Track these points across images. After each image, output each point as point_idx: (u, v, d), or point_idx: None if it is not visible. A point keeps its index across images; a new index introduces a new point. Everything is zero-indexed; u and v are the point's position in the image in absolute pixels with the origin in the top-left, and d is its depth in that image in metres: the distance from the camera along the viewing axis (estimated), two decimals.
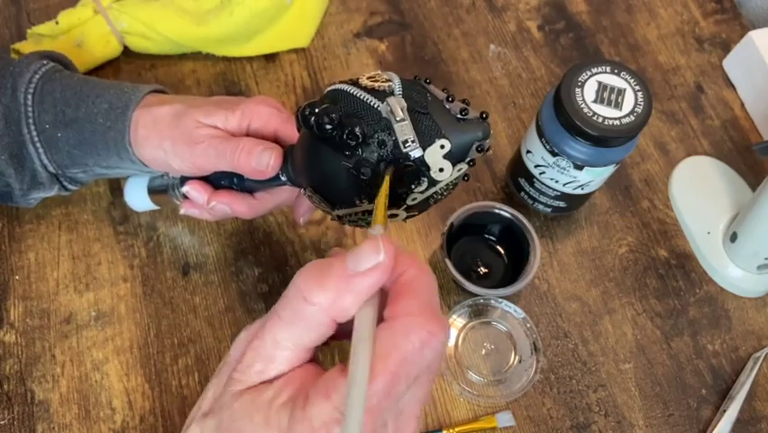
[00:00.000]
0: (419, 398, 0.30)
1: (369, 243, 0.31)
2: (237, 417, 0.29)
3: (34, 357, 0.55)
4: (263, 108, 0.48)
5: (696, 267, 0.63)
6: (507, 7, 0.75)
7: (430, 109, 0.37)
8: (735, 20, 0.76)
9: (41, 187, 0.52)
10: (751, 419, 0.57)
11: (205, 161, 0.47)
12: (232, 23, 0.65)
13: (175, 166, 0.48)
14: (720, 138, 0.69)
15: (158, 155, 0.48)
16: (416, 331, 0.28)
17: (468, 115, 0.37)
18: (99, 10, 0.65)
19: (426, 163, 0.37)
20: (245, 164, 0.46)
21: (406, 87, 0.38)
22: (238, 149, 0.46)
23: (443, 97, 0.38)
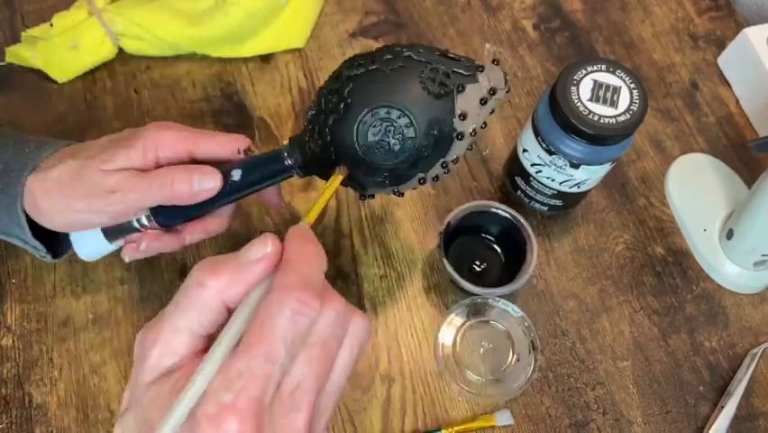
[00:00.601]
0: (316, 373, 0.31)
1: (259, 237, 0.33)
2: (147, 408, 0.31)
3: (32, 361, 0.55)
4: (165, 134, 0.46)
5: (692, 264, 0.63)
6: (503, 6, 0.75)
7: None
8: (729, 17, 0.76)
9: None
10: (748, 415, 0.57)
11: (127, 207, 0.46)
12: (227, 24, 0.65)
13: (97, 222, 0.48)
14: (716, 135, 0.70)
15: (72, 219, 0.47)
16: (287, 300, 0.30)
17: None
18: (94, 12, 0.65)
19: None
20: (183, 193, 0.45)
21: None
22: (166, 181, 0.45)
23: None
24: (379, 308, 0.59)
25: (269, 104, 0.67)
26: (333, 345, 0.32)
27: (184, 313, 0.32)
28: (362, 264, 0.61)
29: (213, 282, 0.32)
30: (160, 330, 0.32)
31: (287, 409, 0.30)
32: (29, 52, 0.65)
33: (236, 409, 0.28)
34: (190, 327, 0.32)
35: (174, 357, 0.32)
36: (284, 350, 0.30)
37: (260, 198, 0.52)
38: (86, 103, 0.66)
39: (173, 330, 0.32)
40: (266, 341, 0.30)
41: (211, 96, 0.67)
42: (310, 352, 0.31)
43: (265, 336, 0.30)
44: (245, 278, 0.32)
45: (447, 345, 0.57)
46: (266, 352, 0.30)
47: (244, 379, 0.29)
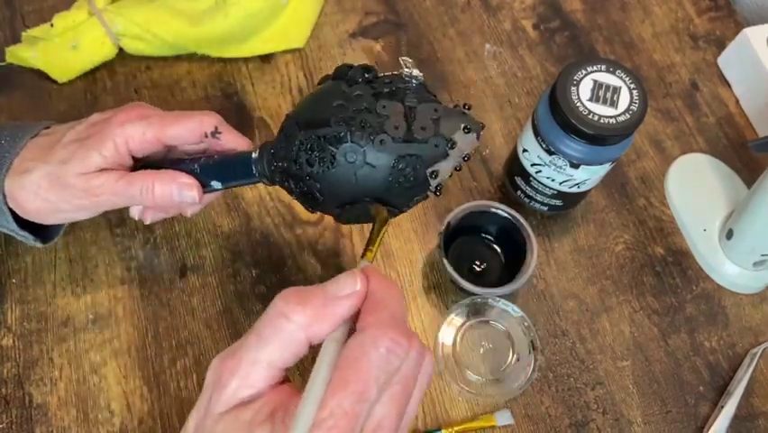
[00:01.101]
0: (397, 412, 0.31)
1: (348, 273, 0.33)
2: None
3: (32, 361, 0.55)
4: (132, 127, 0.46)
5: (692, 264, 0.63)
6: (502, 6, 0.75)
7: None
8: (729, 17, 0.76)
9: None
10: (748, 415, 0.57)
11: (112, 205, 0.48)
12: (227, 24, 0.65)
13: (83, 216, 0.49)
14: (715, 135, 0.70)
15: (61, 216, 0.49)
16: (381, 339, 0.31)
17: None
18: (94, 12, 0.65)
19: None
20: (164, 201, 0.47)
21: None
22: (147, 190, 0.46)
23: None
24: None
25: (269, 104, 0.67)
26: (412, 384, 0.32)
27: (266, 346, 0.32)
28: None
29: (299, 316, 0.31)
30: (240, 361, 0.32)
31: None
32: (29, 52, 0.65)
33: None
34: (270, 360, 0.32)
35: (251, 390, 0.31)
36: (376, 389, 0.30)
37: None
38: (86, 103, 0.66)
39: (253, 362, 0.32)
40: (361, 380, 0.30)
41: (211, 96, 0.67)
42: (393, 390, 0.31)
43: (360, 374, 0.30)
44: (332, 313, 0.32)
45: (447, 345, 0.57)
46: (360, 391, 0.30)
47: (335, 418, 0.29)
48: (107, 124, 0.46)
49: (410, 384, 0.32)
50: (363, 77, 0.43)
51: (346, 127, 0.41)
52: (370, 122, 0.41)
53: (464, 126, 0.43)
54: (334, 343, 0.32)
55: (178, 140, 0.48)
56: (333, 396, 0.29)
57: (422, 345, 0.33)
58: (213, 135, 0.48)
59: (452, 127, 0.42)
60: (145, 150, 0.47)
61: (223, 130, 0.48)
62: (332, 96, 0.43)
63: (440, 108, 0.43)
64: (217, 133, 0.48)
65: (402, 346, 0.31)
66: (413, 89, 0.43)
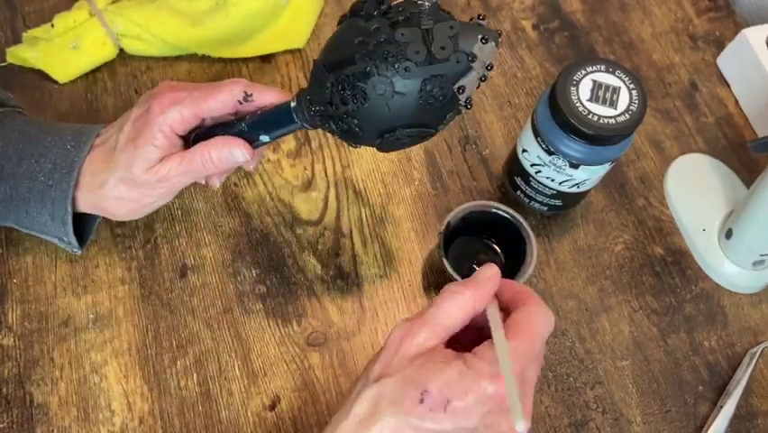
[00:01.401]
0: (535, 375, 0.40)
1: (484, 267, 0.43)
2: (420, 368, 0.38)
3: (33, 360, 0.55)
4: (171, 113, 0.49)
5: (692, 264, 0.63)
6: (502, 6, 0.75)
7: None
8: (728, 18, 0.77)
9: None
10: (747, 414, 0.57)
11: (187, 183, 0.52)
12: (227, 25, 0.65)
13: (169, 199, 0.53)
14: (715, 135, 0.70)
15: (153, 206, 0.54)
16: (545, 312, 0.40)
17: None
18: (95, 12, 0.65)
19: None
20: (223, 166, 0.50)
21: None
22: (207, 160, 0.50)
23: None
24: (379, 309, 0.59)
25: None
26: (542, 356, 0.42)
27: (447, 311, 0.40)
28: (362, 264, 0.61)
29: (469, 292, 0.40)
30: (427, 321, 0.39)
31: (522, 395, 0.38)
32: (30, 53, 0.65)
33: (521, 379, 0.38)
34: (447, 323, 0.39)
35: (433, 342, 0.39)
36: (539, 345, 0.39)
37: None
38: (86, 103, 0.66)
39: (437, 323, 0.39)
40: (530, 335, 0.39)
41: None
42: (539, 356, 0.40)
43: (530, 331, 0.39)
44: (486, 291, 0.41)
45: None
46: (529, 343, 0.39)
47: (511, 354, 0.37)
48: (148, 118, 0.50)
49: (542, 346, 0.40)
50: (378, 9, 0.44)
51: (371, 62, 0.43)
52: (392, 51, 0.43)
53: (481, 37, 0.44)
54: (496, 309, 0.40)
55: (214, 112, 0.51)
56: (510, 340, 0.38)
57: None
58: (245, 100, 0.50)
59: (470, 41, 0.44)
60: (188, 128, 0.51)
61: (253, 91, 0.51)
62: (352, 34, 0.44)
63: (455, 25, 0.44)
64: (248, 96, 0.50)
65: (553, 321, 0.40)
66: (426, 11, 0.44)
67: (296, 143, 0.66)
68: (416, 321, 0.40)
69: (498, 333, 0.38)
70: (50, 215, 0.52)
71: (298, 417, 0.55)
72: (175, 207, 0.62)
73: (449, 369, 0.37)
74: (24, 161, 0.52)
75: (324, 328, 0.58)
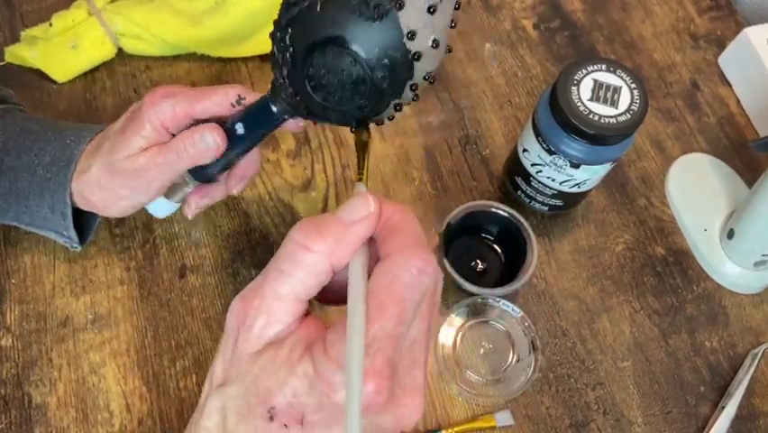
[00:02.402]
0: (426, 328, 0.32)
1: (359, 197, 0.34)
2: (261, 377, 0.31)
3: (31, 361, 0.55)
4: (163, 106, 0.49)
5: (693, 264, 0.63)
6: (503, 6, 0.75)
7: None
8: (729, 17, 0.76)
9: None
10: (749, 415, 0.57)
11: (163, 178, 0.50)
12: (227, 24, 0.65)
13: (146, 200, 0.52)
14: (716, 135, 0.69)
15: (125, 204, 0.52)
16: (412, 260, 0.31)
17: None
18: (93, 12, 0.65)
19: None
20: (196, 153, 0.49)
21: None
22: (181, 149, 0.49)
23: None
24: None
25: None
26: (436, 298, 0.33)
27: (289, 278, 0.31)
28: None
29: (320, 246, 0.31)
30: (263, 298, 0.31)
31: (408, 366, 0.31)
32: (28, 52, 0.65)
33: (375, 373, 0.29)
34: (296, 293, 0.32)
35: (279, 326, 0.31)
36: (412, 310, 0.31)
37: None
38: (85, 103, 0.66)
39: (277, 297, 0.31)
40: (397, 302, 0.30)
41: None
42: (422, 308, 0.32)
43: (395, 297, 0.30)
44: (351, 240, 0.32)
45: (447, 346, 0.57)
46: (398, 314, 0.30)
47: (379, 342, 0.29)
48: (140, 109, 0.50)
49: (435, 299, 0.33)
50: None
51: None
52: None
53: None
54: (360, 267, 0.32)
55: (206, 113, 0.50)
56: (374, 322, 0.30)
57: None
58: (238, 103, 0.50)
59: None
60: (179, 125, 0.50)
61: (246, 96, 0.50)
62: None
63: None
64: (241, 99, 0.50)
65: (431, 265, 0.32)
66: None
67: (295, 144, 0.65)
68: (251, 299, 0.32)
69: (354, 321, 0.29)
70: (50, 207, 0.52)
71: None
72: None
73: (294, 379, 0.30)
74: (24, 155, 0.52)
75: None
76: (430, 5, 0.39)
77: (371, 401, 0.29)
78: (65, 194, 0.51)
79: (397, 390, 0.30)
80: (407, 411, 0.31)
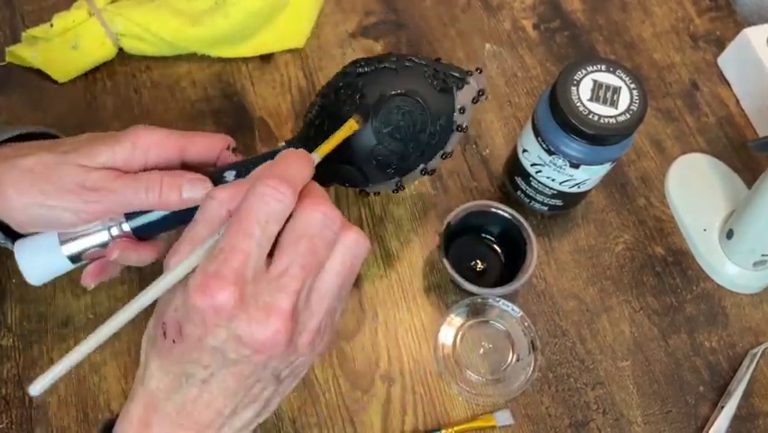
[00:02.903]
0: (302, 265, 0.35)
1: (269, 161, 0.39)
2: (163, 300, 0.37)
3: (32, 361, 0.55)
4: (155, 134, 0.44)
5: (692, 264, 0.63)
6: (503, 6, 0.75)
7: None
8: (729, 17, 0.76)
9: None
10: (749, 415, 0.57)
11: (106, 208, 0.43)
12: (227, 24, 0.65)
13: (65, 221, 0.43)
14: (716, 135, 0.70)
15: (38, 213, 0.43)
16: (259, 186, 0.35)
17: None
18: (94, 12, 0.65)
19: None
20: (165, 199, 0.43)
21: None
22: (154, 184, 0.43)
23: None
24: (379, 309, 0.59)
25: (268, 104, 0.67)
26: (320, 245, 0.36)
27: (196, 225, 0.37)
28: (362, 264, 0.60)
29: (221, 194, 0.36)
30: (179, 244, 0.36)
31: (272, 288, 0.34)
32: (29, 52, 0.65)
33: (219, 276, 0.33)
34: (203, 237, 0.36)
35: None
36: (258, 228, 0.34)
37: None
38: (86, 103, 0.66)
39: (190, 242, 0.36)
40: (242, 220, 0.34)
41: (211, 96, 0.67)
42: (296, 245, 0.35)
43: (241, 216, 0.34)
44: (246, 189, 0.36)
45: (447, 345, 0.57)
46: (243, 229, 0.34)
47: (225, 252, 0.34)
48: (128, 129, 0.45)
49: (317, 243, 0.35)
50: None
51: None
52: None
53: (476, 68, 0.52)
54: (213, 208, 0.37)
55: (198, 154, 0.46)
56: (224, 237, 0.34)
57: (337, 216, 0.37)
58: (233, 151, 0.48)
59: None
60: (160, 163, 0.45)
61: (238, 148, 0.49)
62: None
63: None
64: (236, 150, 0.48)
65: (280, 191, 0.35)
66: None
67: None
68: (173, 250, 0.37)
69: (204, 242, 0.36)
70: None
71: (298, 417, 0.55)
72: None
73: (176, 294, 0.36)
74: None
75: None
76: (474, 97, 0.50)
77: (219, 303, 0.33)
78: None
79: (251, 300, 0.34)
80: (260, 328, 0.34)
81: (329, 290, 0.36)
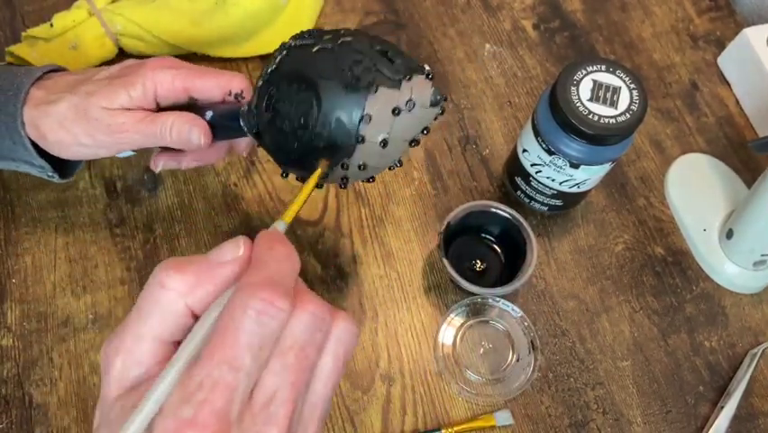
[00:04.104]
0: (293, 382, 0.29)
1: (231, 240, 0.32)
2: (114, 424, 0.28)
3: (32, 361, 0.55)
4: (163, 73, 0.48)
5: (692, 264, 0.63)
6: (503, 6, 0.75)
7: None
8: (729, 17, 0.76)
9: None
10: (748, 415, 0.57)
11: (132, 144, 0.49)
12: (227, 25, 0.65)
13: (102, 154, 0.50)
14: (715, 135, 0.70)
15: (81, 151, 0.50)
16: (251, 301, 0.28)
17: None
18: (94, 12, 0.65)
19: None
20: (178, 142, 0.48)
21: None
22: (166, 129, 0.48)
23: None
24: (379, 309, 0.59)
25: None
26: (312, 352, 0.29)
27: (147, 318, 0.29)
28: (362, 264, 0.61)
29: (176, 284, 0.29)
30: (123, 339, 0.29)
31: (260, 422, 0.28)
32: (29, 52, 0.65)
33: (197, 425, 0.26)
34: (153, 334, 0.29)
35: (140, 367, 0.29)
36: (249, 356, 0.27)
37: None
38: None
39: (136, 338, 0.29)
40: (229, 346, 0.27)
41: None
42: (285, 359, 0.28)
43: (228, 341, 0.27)
44: (213, 280, 0.30)
45: (447, 345, 0.57)
46: (229, 359, 0.27)
47: (205, 390, 0.27)
48: (140, 67, 0.48)
49: (308, 352, 0.29)
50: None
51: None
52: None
53: (428, 73, 0.43)
54: (212, 312, 0.29)
55: (203, 93, 0.49)
56: (201, 367, 0.27)
57: (326, 309, 0.30)
58: (236, 97, 0.49)
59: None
60: (171, 97, 0.49)
61: (246, 95, 0.49)
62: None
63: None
64: (241, 96, 0.49)
65: (277, 306, 0.28)
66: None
67: None
68: (113, 342, 0.30)
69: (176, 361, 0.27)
70: (11, 139, 0.49)
71: None
72: (174, 206, 0.62)
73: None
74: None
75: None
76: (396, 108, 0.41)
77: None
78: (16, 123, 0.48)
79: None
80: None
81: (322, 395, 0.30)
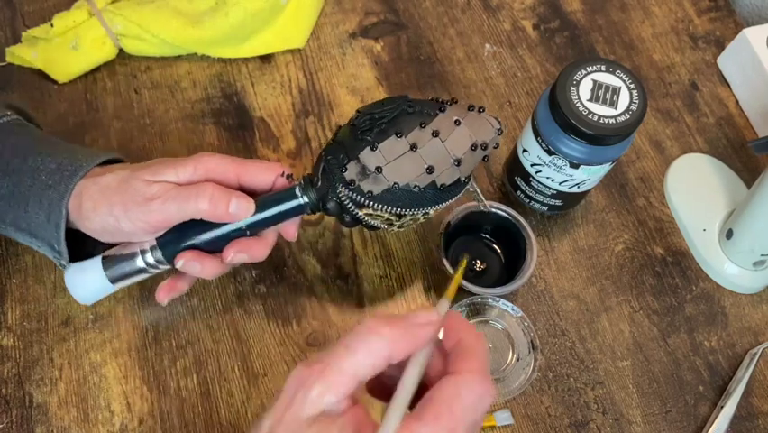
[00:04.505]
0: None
1: (427, 308, 0.38)
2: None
3: (32, 360, 0.55)
4: (214, 159, 0.49)
5: (692, 264, 0.63)
6: (502, 6, 0.75)
7: None
8: (729, 17, 0.76)
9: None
10: (748, 415, 0.57)
11: (163, 217, 0.48)
12: (227, 25, 0.65)
13: (126, 229, 0.49)
14: (715, 135, 0.70)
15: (107, 222, 0.48)
16: (478, 385, 0.33)
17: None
18: (94, 12, 0.65)
19: None
20: (212, 209, 0.47)
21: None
22: (205, 194, 0.47)
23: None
24: (379, 308, 0.59)
25: (269, 104, 0.67)
26: (482, 423, 0.35)
27: (353, 355, 0.34)
28: (362, 264, 0.61)
29: (387, 331, 0.34)
30: (327, 367, 0.33)
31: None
32: (29, 53, 0.65)
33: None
34: (355, 371, 0.33)
35: (334, 397, 0.33)
36: (463, 430, 0.32)
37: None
38: (86, 103, 0.66)
39: (339, 370, 0.33)
40: (453, 418, 0.32)
41: (211, 97, 0.67)
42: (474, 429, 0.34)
43: (453, 413, 0.32)
44: (413, 336, 0.35)
45: None
46: (450, 428, 0.32)
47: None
48: (198, 154, 0.50)
49: (480, 423, 0.35)
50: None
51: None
52: None
53: (377, 167, 0.47)
54: (418, 366, 0.34)
55: (255, 177, 0.50)
56: (426, 424, 0.32)
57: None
58: (288, 178, 0.50)
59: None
60: (220, 179, 0.49)
61: (294, 177, 0.50)
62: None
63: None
64: (290, 178, 0.50)
65: (491, 395, 0.34)
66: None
67: (295, 143, 0.66)
68: (314, 367, 0.34)
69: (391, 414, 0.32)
70: (46, 215, 0.50)
71: None
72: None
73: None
74: (30, 158, 0.50)
75: (323, 329, 0.58)
76: (379, 167, 0.47)
77: None
78: (61, 203, 0.49)
79: None
80: None
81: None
